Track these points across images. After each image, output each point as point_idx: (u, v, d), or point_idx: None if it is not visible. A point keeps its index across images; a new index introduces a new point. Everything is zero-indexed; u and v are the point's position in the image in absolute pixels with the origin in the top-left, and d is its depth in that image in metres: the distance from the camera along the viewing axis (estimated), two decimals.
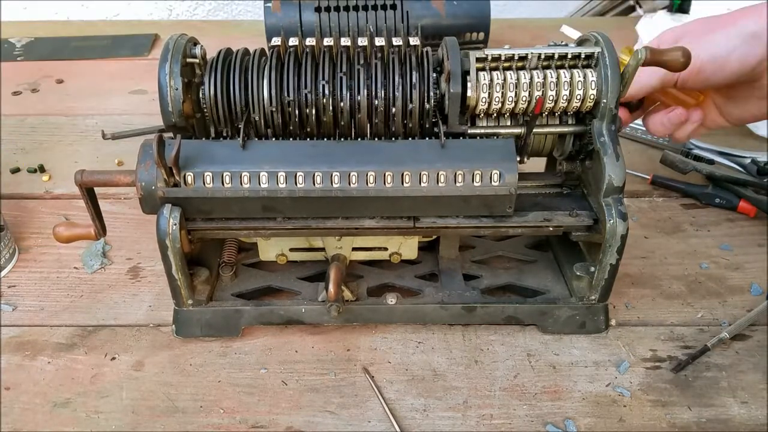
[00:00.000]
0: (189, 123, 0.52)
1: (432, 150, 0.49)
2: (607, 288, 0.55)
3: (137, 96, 0.95)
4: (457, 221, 0.51)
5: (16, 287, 0.63)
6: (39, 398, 0.52)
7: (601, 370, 0.54)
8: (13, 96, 0.95)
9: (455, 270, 0.60)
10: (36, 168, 0.78)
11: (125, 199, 0.74)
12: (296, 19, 0.88)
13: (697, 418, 0.50)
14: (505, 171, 0.49)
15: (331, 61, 0.51)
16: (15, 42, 1.09)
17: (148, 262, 0.65)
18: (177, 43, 0.51)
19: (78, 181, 0.48)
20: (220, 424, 0.50)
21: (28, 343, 0.57)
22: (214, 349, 0.56)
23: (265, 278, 0.59)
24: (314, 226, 0.51)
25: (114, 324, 0.59)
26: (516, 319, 0.57)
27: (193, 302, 0.55)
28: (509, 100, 0.50)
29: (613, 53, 0.50)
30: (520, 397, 0.52)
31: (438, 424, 0.50)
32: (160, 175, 0.48)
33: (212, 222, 0.51)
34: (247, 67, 0.51)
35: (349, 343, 0.57)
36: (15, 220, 0.70)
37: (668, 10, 1.07)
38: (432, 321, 0.57)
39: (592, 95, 0.50)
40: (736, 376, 0.53)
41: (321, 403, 0.52)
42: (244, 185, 0.48)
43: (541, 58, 0.50)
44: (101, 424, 0.50)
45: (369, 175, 0.48)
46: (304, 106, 0.50)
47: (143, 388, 0.53)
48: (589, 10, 1.39)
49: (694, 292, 0.61)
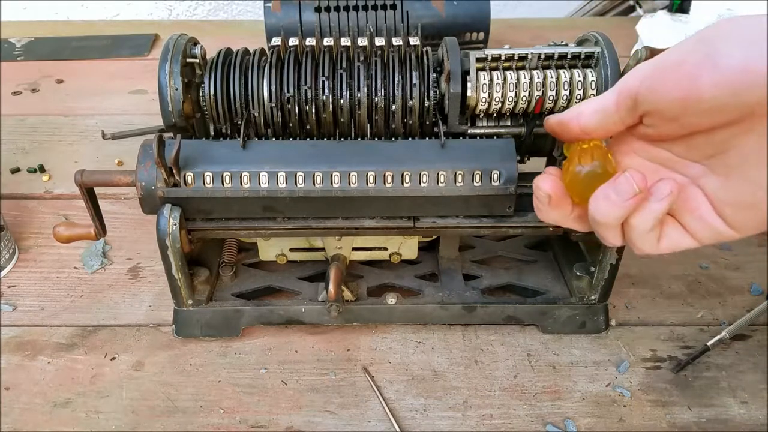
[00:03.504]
0: (189, 123, 0.52)
1: (432, 150, 0.49)
2: (607, 288, 0.55)
3: (137, 96, 0.95)
4: (457, 221, 0.51)
5: (16, 287, 0.63)
6: (39, 398, 0.52)
7: (601, 370, 0.54)
8: (13, 96, 0.95)
9: (455, 270, 0.60)
10: (36, 168, 0.78)
11: (125, 199, 0.74)
12: (296, 19, 0.88)
13: (697, 418, 0.50)
14: (505, 171, 0.49)
15: (331, 61, 0.51)
16: (15, 42, 1.09)
17: (148, 262, 0.65)
18: (177, 43, 0.51)
19: (78, 181, 0.48)
20: (220, 424, 0.50)
21: (28, 343, 0.57)
22: (214, 349, 0.56)
23: (265, 278, 0.59)
24: (314, 226, 0.51)
25: (114, 324, 0.59)
26: (516, 319, 0.57)
27: (193, 302, 0.55)
28: (509, 100, 0.50)
29: (613, 53, 0.50)
30: (520, 397, 0.52)
31: (438, 424, 0.50)
32: (160, 175, 0.48)
33: (212, 222, 0.51)
34: (247, 66, 0.51)
35: (349, 343, 0.57)
36: (15, 220, 0.70)
37: (668, 10, 1.07)
38: (432, 321, 0.57)
39: (591, 95, 0.50)
40: (736, 376, 0.53)
41: (321, 403, 0.52)
42: (244, 185, 0.48)
43: (541, 58, 0.50)
44: (101, 424, 0.50)
45: (369, 175, 0.48)
46: (303, 103, 0.50)
47: (143, 388, 0.53)
48: (589, 10, 1.39)
49: (694, 292, 0.61)
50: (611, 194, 0.35)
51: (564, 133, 0.39)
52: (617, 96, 0.36)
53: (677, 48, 0.33)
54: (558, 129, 0.40)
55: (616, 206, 0.35)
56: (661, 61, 0.34)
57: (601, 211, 0.36)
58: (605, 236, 0.38)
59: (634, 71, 0.35)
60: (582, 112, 0.38)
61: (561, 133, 0.40)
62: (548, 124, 0.41)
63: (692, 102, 0.32)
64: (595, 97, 0.39)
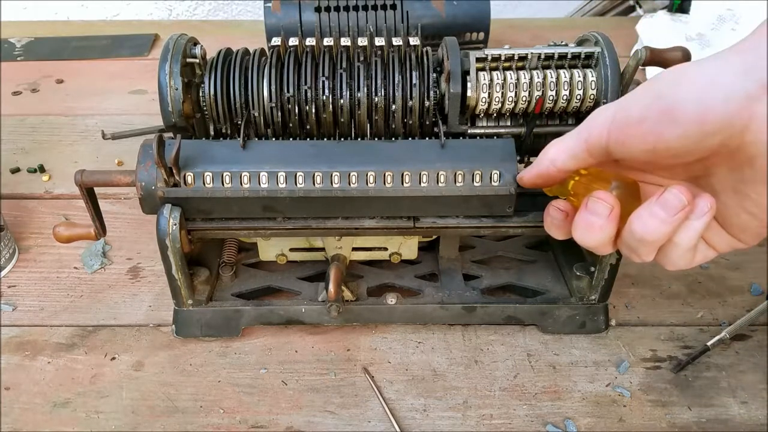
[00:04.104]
0: (189, 123, 0.52)
1: (432, 150, 0.49)
2: (607, 288, 0.55)
3: (137, 96, 0.95)
4: (457, 221, 0.51)
5: (16, 287, 0.63)
6: (39, 398, 0.52)
7: (601, 370, 0.54)
8: (13, 96, 0.95)
9: (455, 270, 0.60)
10: (36, 168, 0.78)
11: (125, 199, 0.74)
12: (296, 19, 0.88)
13: (697, 418, 0.50)
14: (505, 171, 0.49)
15: (331, 61, 0.51)
16: (15, 42, 1.09)
17: (148, 262, 0.65)
18: (177, 43, 0.51)
19: (78, 181, 0.48)
20: (220, 424, 0.50)
21: (28, 343, 0.57)
22: (214, 349, 0.56)
23: (265, 278, 0.59)
24: (314, 226, 0.51)
25: (114, 324, 0.59)
26: (516, 319, 0.57)
27: (193, 302, 0.55)
28: (509, 100, 0.50)
29: (613, 53, 0.50)
30: (520, 397, 0.52)
31: (438, 424, 0.50)
32: (160, 175, 0.48)
33: (212, 222, 0.51)
34: (247, 66, 0.51)
35: (349, 343, 0.57)
36: (15, 220, 0.70)
37: (668, 10, 1.07)
38: (432, 321, 0.57)
39: (591, 95, 0.50)
40: (736, 376, 0.53)
41: (321, 403, 0.52)
42: (244, 185, 0.48)
43: (541, 58, 0.51)
44: (101, 424, 0.50)
45: (369, 175, 0.48)
46: (303, 103, 0.50)
47: (143, 388, 0.53)
48: (589, 10, 1.39)
49: (694, 292, 0.61)
50: (659, 211, 0.34)
51: (547, 181, 0.41)
52: (586, 145, 0.37)
53: (635, 102, 0.35)
54: (540, 181, 0.42)
55: (665, 223, 0.34)
56: (623, 115, 0.35)
57: (649, 228, 0.35)
58: (642, 254, 0.37)
59: (597, 118, 0.37)
60: (554, 158, 0.39)
61: (545, 183, 0.42)
62: (526, 182, 0.43)
63: (661, 151, 0.34)
64: (558, 141, 0.39)
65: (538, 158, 0.41)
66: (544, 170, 0.40)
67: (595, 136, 0.36)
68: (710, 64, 0.33)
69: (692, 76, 0.33)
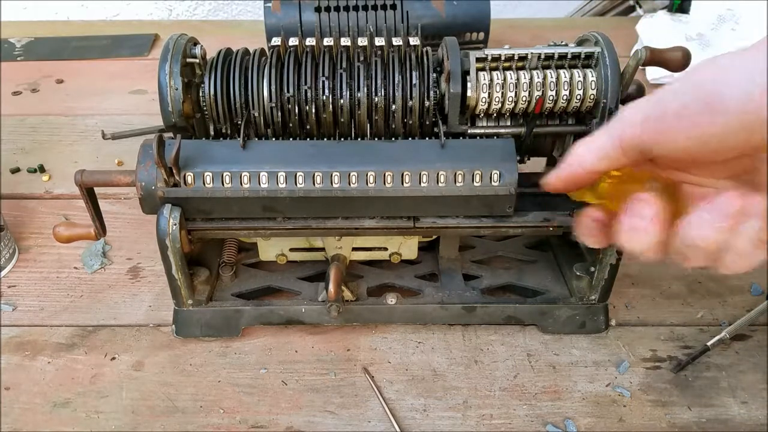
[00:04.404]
0: (189, 123, 0.52)
1: (432, 150, 0.49)
2: (607, 288, 0.55)
3: (137, 96, 0.95)
4: (457, 221, 0.51)
5: (16, 287, 0.63)
6: (39, 398, 0.52)
7: (601, 370, 0.54)
8: (13, 96, 0.95)
9: (455, 270, 0.60)
10: (36, 168, 0.78)
11: (125, 199, 0.74)
12: (296, 19, 0.88)
13: (697, 418, 0.50)
14: (505, 171, 0.49)
15: (331, 61, 0.51)
16: (15, 42, 1.09)
17: (148, 262, 0.65)
18: (177, 43, 0.51)
19: (78, 181, 0.48)
20: (220, 424, 0.50)
21: (28, 343, 0.57)
22: (214, 349, 0.56)
23: (265, 278, 0.59)
24: (314, 226, 0.51)
25: (114, 324, 0.59)
26: (516, 319, 0.57)
27: (193, 302, 0.55)
28: (509, 100, 0.50)
29: (613, 53, 0.50)
30: (520, 397, 0.52)
31: (438, 424, 0.50)
32: (160, 175, 0.48)
33: (212, 222, 0.51)
34: (247, 66, 0.51)
35: (349, 343, 0.57)
36: (15, 220, 0.70)
37: (668, 10, 1.07)
38: (432, 321, 0.57)
39: (591, 95, 0.50)
40: (736, 376, 0.53)
41: (321, 403, 0.52)
42: (244, 185, 0.48)
43: (541, 58, 0.50)
44: (101, 424, 0.50)
45: (369, 175, 0.48)
46: (303, 103, 0.50)
47: (143, 388, 0.53)
48: (589, 10, 1.39)
49: (694, 292, 0.61)
50: (712, 217, 0.33)
51: (573, 185, 0.38)
52: (620, 143, 0.35)
53: (672, 94, 0.33)
54: (564, 185, 0.38)
55: (719, 230, 0.33)
56: (659, 109, 0.33)
57: (702, 235, 0.33)
58: (694, 260, 0.36)
59: (628, 114, 0.34)
60: (583, 160, 0.36)
61: (569, 186, 0.38)
62: (550, 185, 0.39)
63: (702, 146, 0.32)
64: (586, 141, 0.36)
65: (564, 160, 0.37)
66: (571, 173, 0.37)
67: (629, 133, 0.34)
68: (750, 54, 0.31)
69: (733, 65, 0.31)
